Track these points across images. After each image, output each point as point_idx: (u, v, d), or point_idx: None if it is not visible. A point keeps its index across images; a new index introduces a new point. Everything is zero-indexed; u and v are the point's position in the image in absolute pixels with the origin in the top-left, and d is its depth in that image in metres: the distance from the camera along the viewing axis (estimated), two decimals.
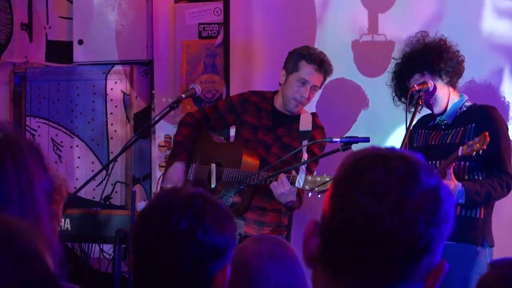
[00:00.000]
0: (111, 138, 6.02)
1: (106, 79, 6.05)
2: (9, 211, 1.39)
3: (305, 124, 4.52)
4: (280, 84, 4.59)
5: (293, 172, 4.17)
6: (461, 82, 4.36)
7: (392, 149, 1.37)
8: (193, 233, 1.95)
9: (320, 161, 4.34)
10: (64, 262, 1.48)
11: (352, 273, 1.33)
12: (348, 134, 4.80)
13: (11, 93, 6.23)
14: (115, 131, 6.02)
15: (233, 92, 5.39)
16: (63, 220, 4.37)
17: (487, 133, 3.82)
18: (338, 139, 4.01)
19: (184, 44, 5.92)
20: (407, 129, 4.13)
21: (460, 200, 3.96)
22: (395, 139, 4.39)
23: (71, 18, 6.09)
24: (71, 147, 6.09)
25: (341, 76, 5.34)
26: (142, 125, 5.65)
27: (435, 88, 4.18)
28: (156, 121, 4.79)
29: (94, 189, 5.89)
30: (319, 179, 4.09)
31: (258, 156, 4.52)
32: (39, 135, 6.12)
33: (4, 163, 1.41)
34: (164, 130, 5.95)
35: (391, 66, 4.42)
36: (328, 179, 4.04)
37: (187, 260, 1.95)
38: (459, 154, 3.86)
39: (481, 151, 3.80)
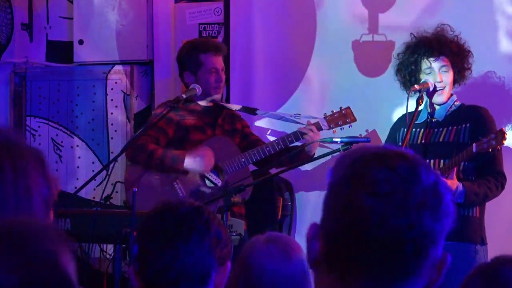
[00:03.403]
0: (112, 138, 6.02)
1: (106, 79, 6.05)
2: (4, 215, 1.38)
3: (234, 107, 4.80)
4: (187, 85, 4.69)
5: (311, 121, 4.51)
6: None
7: (387, 147, 1.37)
8: (193, 219, 2.02)
9: (319, 161, 4.34)
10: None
11: (359, 273, 1.33)
12: (347, 134, 4.79)
13: (12, 93, 6.23)
14: (116, 131, 6.02)
15: (234, 91, 5.39)
16: (63, 220, 4.36)
17: (504, 129, 3.85)
18: (339, 139, 4.01)
19: None
20: (407, 128, 4.13)
21: (459, 200, 3.98)
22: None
23: (72, 18, 6.09)
24: (72, 147, 6.09)
25: (341, 76, 5.33)
26: (143, 125, 5.65)
27: (435, 88, 4.18)
28: (156, 121, 4.78)
29: (94, 189, 5.88)
30: (336, 115, 4.52)
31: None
32: (39, 135, 6.12)
33: (3, 167, 1.41)
34: None
35: (391, 66, 4.41)
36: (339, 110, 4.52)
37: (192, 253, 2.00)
38: (474, 150, 3.87)
39: (499, 147, 3.83)
